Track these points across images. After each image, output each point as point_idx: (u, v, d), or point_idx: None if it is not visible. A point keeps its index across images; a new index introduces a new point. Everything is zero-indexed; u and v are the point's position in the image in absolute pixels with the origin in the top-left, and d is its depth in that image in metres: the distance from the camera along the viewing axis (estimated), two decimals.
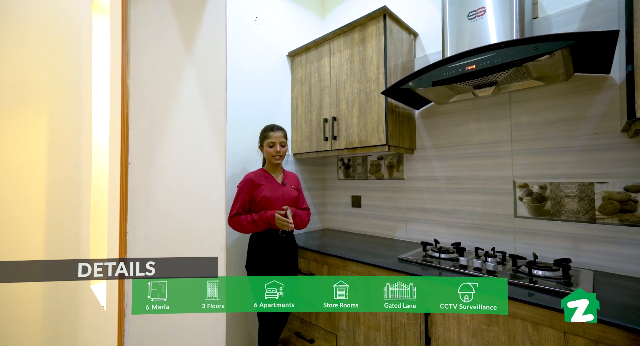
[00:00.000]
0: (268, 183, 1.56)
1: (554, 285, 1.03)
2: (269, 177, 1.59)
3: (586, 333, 0.86)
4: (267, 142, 1.56)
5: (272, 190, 1.54)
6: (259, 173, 1.59)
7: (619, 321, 0.81)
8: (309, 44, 1.98)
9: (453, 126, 1.66)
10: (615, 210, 1.20)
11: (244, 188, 1.53)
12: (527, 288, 1.04)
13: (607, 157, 1.21)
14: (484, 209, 1.54)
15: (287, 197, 1.58)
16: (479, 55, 1.16)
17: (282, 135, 1.58)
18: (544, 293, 0.99)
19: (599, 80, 1.23)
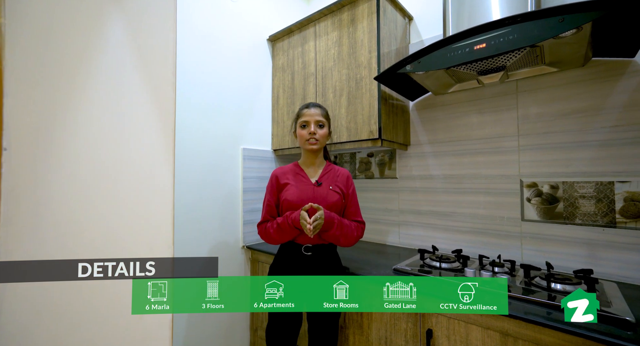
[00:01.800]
0: (296, 182, 1.17)
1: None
2: (300, 173, 1.20)
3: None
4: (300, 122, 1.18)
5: (298, 192, 1.14)
6: (287, 169, 1.22)
7: None
8: (292, 26, 1.76)
9: (452, 119, 1.49)
10: (638, 213, 1.05)
11: (268, 188, 1.20)
12: (546, 307, 0.87)
13: (631, 152, 1.07)
14: (487, 211, 1.37)
15: (320, 200, 1.13)
16: (490, 31, 0.99)
17: (319, 112, 1.18)
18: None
19: (621, 65, 1.09)
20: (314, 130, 1.16)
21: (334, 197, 1.15)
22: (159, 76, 0.64)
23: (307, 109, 1.19)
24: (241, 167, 1.68)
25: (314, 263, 1.13)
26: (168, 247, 0.64)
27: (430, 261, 1.26)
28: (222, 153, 1.61)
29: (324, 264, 1.14)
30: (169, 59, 0.66)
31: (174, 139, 0.65)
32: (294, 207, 1.11)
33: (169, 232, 0.60)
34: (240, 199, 1.68)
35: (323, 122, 1.18)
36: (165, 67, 0.65)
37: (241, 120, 1.71)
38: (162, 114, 0.64)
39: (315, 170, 1.22)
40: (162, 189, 0.64)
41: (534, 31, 0.92)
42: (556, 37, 0.91)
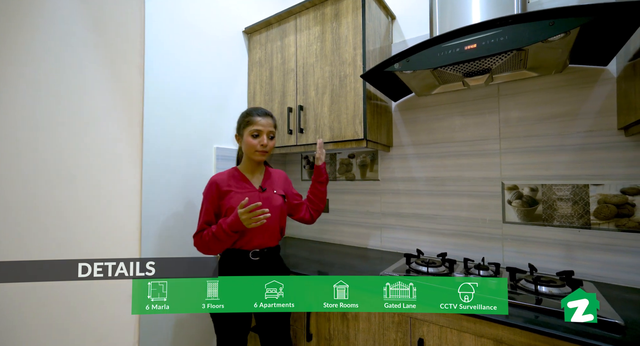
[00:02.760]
0: (239, 189, 1.12)
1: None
2: (242, 179, 1.15)
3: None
4: (251, 130, 1.11)
5: (242, 198, 1.06)
6: (228, 175, 1.15)
7: None
8: (271, 18, 1.65)
9: (435, 121, 1.48)
10: (611, 215, 1.10)
11: (208, 195, 1.12)
12: (535, 310, 0.87)
13: (603, 156, 1.12)
14: (470, 214, 1.38)
15: (267, 206, 1.09)
16: (481, 32, 0.97)
17: (272, 123, 1.15)
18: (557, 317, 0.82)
19: (595, 73, 1.13)
20: (266, 143, 1.12)
21: (279, 201, 1.17)
22: (122, 57, 0.52)
23: (260, 117, 1.12)
24: (214, 167, 1.54)
25: (262, 268, 1.11)
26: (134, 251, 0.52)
27: (417, 265, 1.23)
28: (193, 153, 1.46)
29: (272, 268, 1.14)
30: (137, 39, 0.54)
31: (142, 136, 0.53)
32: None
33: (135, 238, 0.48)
34: None
35: (274, 132, 1.16)
36: (130, 48, 0.53)
37: (215, 118, 1.57)
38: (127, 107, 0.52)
39: (258, 176, 1.20)
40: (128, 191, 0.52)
41: (524, 34, 0.91)
42: (545, 40, 0.91)
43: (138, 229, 0.49)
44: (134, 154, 0.49)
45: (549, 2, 1.22)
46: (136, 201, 0.49)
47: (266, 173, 1.22)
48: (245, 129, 1.13)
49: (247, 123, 1.13)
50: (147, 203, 1.28)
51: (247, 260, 1.10)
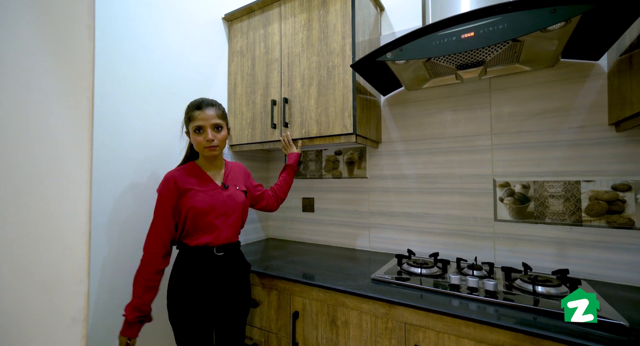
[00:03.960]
0: (201, 186, 1.04)
1: None
2: (203, 176, 1.07)
3: None
4: (193, 127, 1.02)
5: (207, 197, 1.03)
6: (187, 171, 1.05)
7: None
8: (253, 4, 1.54)
9: (425, 116, 1.43)
10: (602, 211, 1.09)
11: (163, 194, 1.00)
12: (534, 312, 0.82)
13: (595, 152, 1.10)
14: (461, 212, 1.34)
15: (231, 203, 1.08)
16: (479, 20, 0.92)
17: (214, 114, 1.03)
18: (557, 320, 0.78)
19: (586, 67, 1.12)
20: (212, 137, 1.01)
21: (241, 197, 1.13)
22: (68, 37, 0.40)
23: (199, 111, 1.01)
24: None
25: (225, 263, 1.07)
26: (79, 281, 0.40)
27: (409, 267, 1.17)
28: (167, 148, 1.33)
29: (235, 262, 1.10)
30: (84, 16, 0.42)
31: (91, 127, 0.42)
32: (202, 214, 1.01)
33: (82, 239, 0.38)
34: None
35: (220, 123, 1.05)
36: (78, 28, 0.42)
37: None
38: (73, 91, 0.40)
39: (218, 171, 1.12)
40: (75, 188, 0.40)
41: (524, 22, 0.87)
42: (544, 30, 0.88)
43: (86, 229, 0.38)
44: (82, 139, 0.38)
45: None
46: (84, 198, 0.38)
47: (226, 168, 1.15)
48: (189, 126, 1.04)
49: (189, 119, 1.04)
50: (105, 200, 1.13)
51: (212, 256, 1.04)
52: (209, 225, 1.03)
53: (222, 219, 1.06)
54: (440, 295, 0.96)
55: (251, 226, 1.80)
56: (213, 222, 1.04)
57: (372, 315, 1.00)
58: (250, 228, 1.79)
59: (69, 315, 0.38)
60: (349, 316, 1.04)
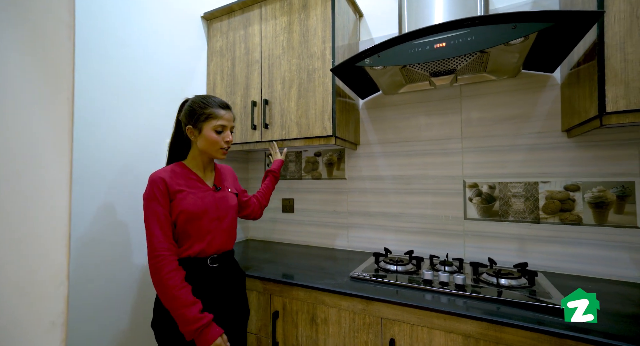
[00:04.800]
0: (191, 188, 0.97)
1: (524, 296, 0.91)
2: (192, 177, 1.00)
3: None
4: (215, 125, 0.96)
5: (198, 200, 0.96)
6: (175, 172, 0.97)
7: (622, 343, 0.70)
8: (233, 4, 1.54)
9: (401, 120, 1.49)
10: (556, 209, 1.20)
11: (155, 196, 0.91)
12: (498, 302, 0.90)
13: (550, 156, 1.21)
14: (434, 211, 1.41)
15: (223, 206, 1.02)
16: (450, 31, 0.99)
17: (233, 116, 1.03)
18: (518, 308, 0.86)
19: (543, 79, 1.23)
20: (231, 139, 1.01)
21: (234, 200, 1.09)
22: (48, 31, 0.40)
23: (224, 111, 0.99)
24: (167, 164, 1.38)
25: (220, 274, 1.00)
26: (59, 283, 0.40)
27: (385, 264, 1.22)
28: (144, 148, 1.29)
29: (230, 272, 1.04)
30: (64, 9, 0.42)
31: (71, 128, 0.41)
32: (194, 217, 0.94)
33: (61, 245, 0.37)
34: None
35: (234, 127, 1.05)
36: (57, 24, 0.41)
37: (169, 109, 1.40)
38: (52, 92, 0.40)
39: (209, 173, 1.07)
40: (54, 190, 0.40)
41: (489, 35, 0.94)
42: (507, 43, 0.96)
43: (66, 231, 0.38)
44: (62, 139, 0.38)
45: (503, 10, 1.29)
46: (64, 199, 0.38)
47: (217, 170, 1.10)
48: (206, 123, 0.97)
49: (209, 116, 0.97)
50: (82, 205, 1.09)
51: (204, 268, 0.96)
52: (201, 231, 0.96)
53: (215, 224, 0.99)
54: (414, 290, 1.01)
55: None
56: (205, 227, 0.97)
57: (350, 312, 1.03)
58: None
59: (48, 319, 0.37)
60: (328, 314, 1.07)
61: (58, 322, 0.38)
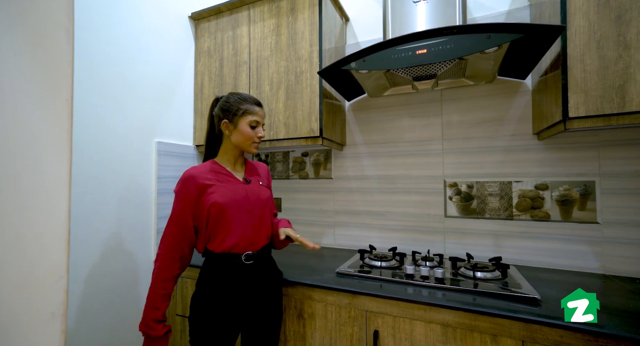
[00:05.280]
0: (221, 182, 0.99)
1: (497, 287, 0.98)
2: (223, 171, 1.02)
3: (543, 340, 0.81)
4: (250, 121, 1.00)
5: (227, 192, 0.98)
6: (204, 168, 1.01)
7: (576, 325, 0.77)
8: (221, 5, 1.55)
9: (386, 122, 1.55)
10: (527, 207, 1.29)
11: (181, 193, 0.96)
12: (474, 293, 0.96)
13: (522, 157, 1.30)
14: (416, 210, 1.48)
15: (254, 199, 1.02)
16: (430, 39, 1.05)
17: (264, 114, 1.07)
18: (492, 298, 0.92)
19: (516, 85, 1.31)
20: (263, 134, 1.04)
21: (267, 193, 1.08)
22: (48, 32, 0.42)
23: (259, 108, 1.03)
24: (155, 164, 1.38)
25: (255, 272, 1.00)
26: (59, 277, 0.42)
27: (370, 260, 1.27)
28: (130, 147, 1.29)
29: (265, 271, 1.03)
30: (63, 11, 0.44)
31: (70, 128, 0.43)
32: (225, 210, 0.95)
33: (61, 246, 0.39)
34: (153, 203, 1.37)
35: (264, 123, 1.10)
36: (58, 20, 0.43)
37: (157, 109, 1.40)
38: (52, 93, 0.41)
39: (239, 167, 1.09)
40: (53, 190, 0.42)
41: (466, 44, 1.01)
42: (482, 52, 1.02)
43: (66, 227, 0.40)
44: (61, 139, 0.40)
45: (481, 20, 1.37)
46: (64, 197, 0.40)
47: (248, 165, 1.12)
48: (242, 118, 1.00)
49: (245, 112, 1.01)
50: (75, 205, 1.08)
51: (239, 265, 0.97)
52: (232, 224, 0.97)
53: (246, 217, 0.99)
54: (397, 284, 1.07)
55: None
56: (237, 220, 0.97)
57: (336, 306, 1.07)
58: None
59: (48, 310, 0.39)
60: (315, 309, 1.11)
61: (58, 313, 0.40)
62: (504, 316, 0.84)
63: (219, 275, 0.96)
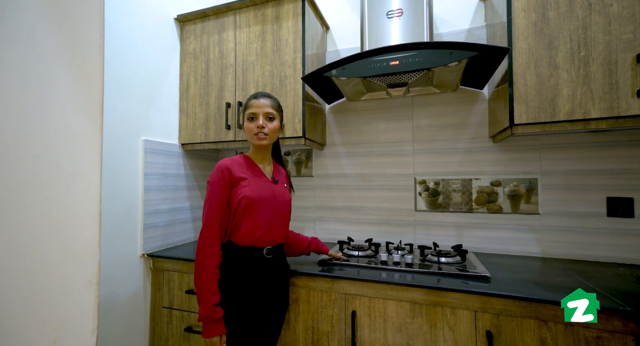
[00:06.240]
0: (253, 177, 1.05)
1: (456, 269, 1.14)
2: (254, 167, 1.08)
3: (491, 309, 0.97)
4: (247, 114, 1.06)
5: (258, 188, 1.03)
6: (239, 161, 1.06)
7: (514, 293, 0.94)
8: (208, 10, 1.61)
9: (363, 124, 1.69)
10: (484, 201, 1.47)
11: (217, 182, 0.99)
12: (438, 275, 1.11)
13: (480, 157, 1.48)
14: (390, 205, 1.62)
15: (280, 199, 1.08)
16: (402, 52, 1.19)
17: (269, 103, 1.06)
18: (452, 278, 1.08)
19: (475, 94, 1.50)
20: (263, 124, 1.04)
21: (289, 195, 1.15)
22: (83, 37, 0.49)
23: (255, 100, 1.06)
24: (142, 161, 1.41)
25: (273, 266, 1.08)
26: (93, 252, 0.49)
27: (348, 250, 1.39)
28: (117, 145, 1.32)
29: (281, 264, 1.13)
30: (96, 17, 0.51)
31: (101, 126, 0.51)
32: (254, 205, 1.01)
33: (94, 225, 0.47)
34: (140, 199, 1.40)
35: (273, 114, 1.07)
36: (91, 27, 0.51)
37: (143, 108, 1.44)
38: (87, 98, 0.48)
39: (267, 166, 1.13)
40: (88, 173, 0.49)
41: (432, 58, 1.16)
42: (446, 65, 1.18)
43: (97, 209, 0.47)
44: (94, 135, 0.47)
45: (446, 36, 1.55)
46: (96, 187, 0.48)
47: (274, 166, 1.17)
48: (244, 115, 1.07)
49: (245, 108, 1.08)
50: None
51: (261, 258, 1.04)
52: (259, 219, 1.02)
53: (271, 214, 1.05)
54: (372, 270, 1.19)
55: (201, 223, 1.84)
56: (263, 216, 1.02)
57: (318, 291, 1.18)
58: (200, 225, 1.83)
59: (86, 278, 0.47)
60: (298, 294, 1.21)
61: (93, 281, 0.47)
62: (461, 290, 0.99)
63: (242, 266, 1.02)
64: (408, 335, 1.06)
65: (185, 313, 1.39)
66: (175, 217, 1.61)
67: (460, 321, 1.00)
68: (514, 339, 0.93)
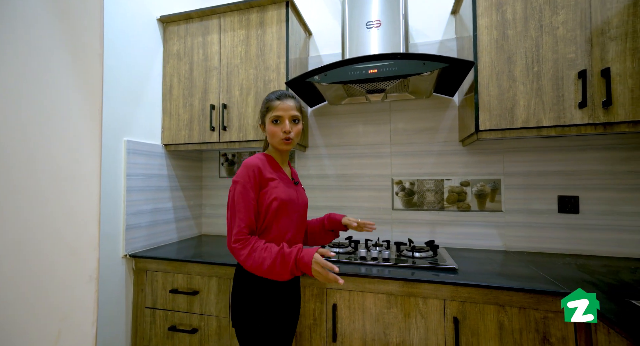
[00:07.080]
0: (281, 179, 1.00)
1: (428, 263, 1.24)
2: (279, 168, 1.03)
3: (457, 297, 1.07)
4: (271, 117, 0.98)
5: (286, 190, 0.98)
6: (265, 160, 0.99)
7: (477, 282, 1.04)
8: (192, 12, 1.63)
9: (344, 127, 1.77)
10: (455, 200, 1.59)
11: (247, 181, 0.93)
12: (412, 268, 1.21)
13: (451, 159, 1.60)
14: (369, 204, 1.71)
15: (302, 201, 1.06)
16: (380, 61, 1.27)
17: (294, 105, 1.00)
18: (425, 271, 1.17)
19: (447, 101, 1.62)
20: (290, 128, 0.99)
21: (306, 198, 1.14)
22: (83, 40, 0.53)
23: (279, 101, 0.99)
24: (124, 162, 1.41)
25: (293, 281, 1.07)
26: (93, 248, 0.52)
27: (329, 248, 1.46)
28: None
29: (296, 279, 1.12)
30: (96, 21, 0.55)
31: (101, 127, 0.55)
32: (285, 207, 0.96)
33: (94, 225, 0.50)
34: (122, 200, 1.40)
35: (298, 116, 1.02)
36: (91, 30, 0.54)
37: (126, 108, 1.44)
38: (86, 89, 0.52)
39: (286, 167, 1.11)
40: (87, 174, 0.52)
41: (407, 67, 1.25)
42: (419, 74, 1.28)
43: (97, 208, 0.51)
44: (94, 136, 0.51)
45: (421, 46, 1.66)
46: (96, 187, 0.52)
47: (291, 167, 1.16)
48: (267, 116, 1.01)
49: (267, 109, 1.01)
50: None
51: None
52: (287, 221, 0.98)
53: (295, 217, 1.01)
54: (352, 265, 1.27)
55: (185, 223, 1.84)
56: (290, 218, 0.99)
57: (301, 286, 1.24)
58: (184, 225, 1.83)
59: (87, 274, 0.50)
60: None
61: (93, 276, 0.51)
62: (432, 281, 1.08)
63: (264, 282, 0.96)
64: (384, 324, 1.14)
65: (169, 313, 1.40)
66: (158, 218, 1.61)
67: (431, 310, 1.10)
68: (477, 323, 1.04)
